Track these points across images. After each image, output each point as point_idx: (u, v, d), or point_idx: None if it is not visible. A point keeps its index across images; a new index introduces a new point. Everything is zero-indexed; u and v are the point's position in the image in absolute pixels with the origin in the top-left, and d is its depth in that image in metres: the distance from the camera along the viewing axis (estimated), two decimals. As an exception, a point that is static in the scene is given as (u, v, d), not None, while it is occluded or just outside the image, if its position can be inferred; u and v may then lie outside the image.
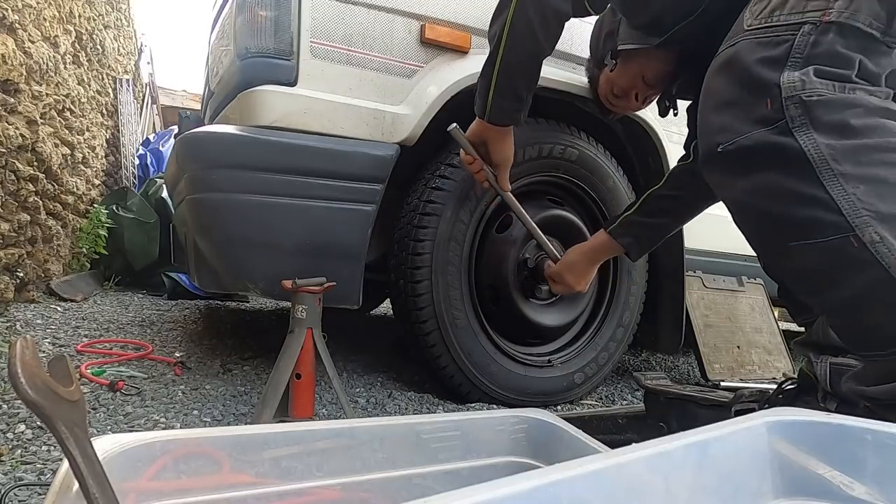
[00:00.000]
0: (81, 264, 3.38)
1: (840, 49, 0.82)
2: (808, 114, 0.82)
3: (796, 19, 0.84)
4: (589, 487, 0.41)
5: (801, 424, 0.54)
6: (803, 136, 0.82)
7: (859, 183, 0.79)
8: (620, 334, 1.82)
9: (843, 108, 0.80)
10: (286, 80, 1.34)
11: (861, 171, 0.79)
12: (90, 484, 0.44)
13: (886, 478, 0.50)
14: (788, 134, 0.83)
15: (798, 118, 0.82)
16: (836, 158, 0.80)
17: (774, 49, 0.86)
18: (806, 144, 0.81)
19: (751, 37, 0.89)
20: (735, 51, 0.91)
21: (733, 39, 0.93)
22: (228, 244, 1.32)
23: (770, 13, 0.88)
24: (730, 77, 0.91)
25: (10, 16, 2.20)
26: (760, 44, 0.88)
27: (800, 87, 0.82)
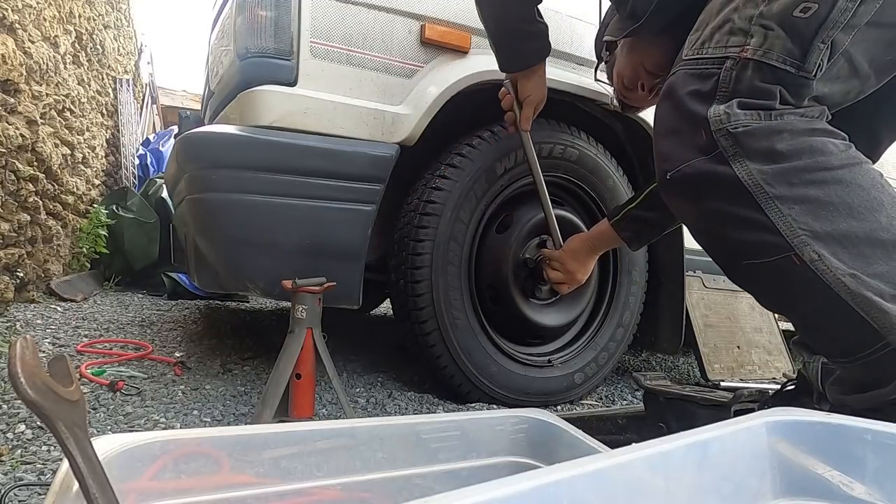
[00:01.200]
0: (81, 264, 3.38)
1: (759, 84, 0.85)
2: (738, 144, 0.85)
3: (720, 53, 0.88)
4: (589, 487, 0.41)
5: (800, 424, 0.54)
6: (737, 165, 0.85)
7: (794, 203, 0.82)
8: (620, 334, 1.82)
9: (770, 135, 0.83)
10: (286, 80, 1.34)
11: (794, 192, 0.82)
12: (90, 484, 0.44)
13: (886, 478, 0.50)
14: (724, 162, 0.86)
15: (730, 148, 0.85)
16: (770, 182, 0.83)
17: (704, 82, 0.89)
18: (740, 172, 0.85)
19: (685, 67, 0.93)
20: (673, 80, 0.95)
21: (676, 67, 0.96)
22: (228, 244, 1.32)
23: (701, 45, 0.91)
24: (670, 106, 0.95)
25: (10, 16, 2.21)
26: (692, 75, 0.91)
27: (725, 121, 0.85)
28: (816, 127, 0.86)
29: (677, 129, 0.93)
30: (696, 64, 0.91)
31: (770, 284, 0.89)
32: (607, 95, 1.70)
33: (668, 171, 0.93)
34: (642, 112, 1.72)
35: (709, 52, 0.90)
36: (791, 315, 0.92)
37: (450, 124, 1.54)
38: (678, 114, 0.93)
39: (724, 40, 0.88)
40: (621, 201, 1.77)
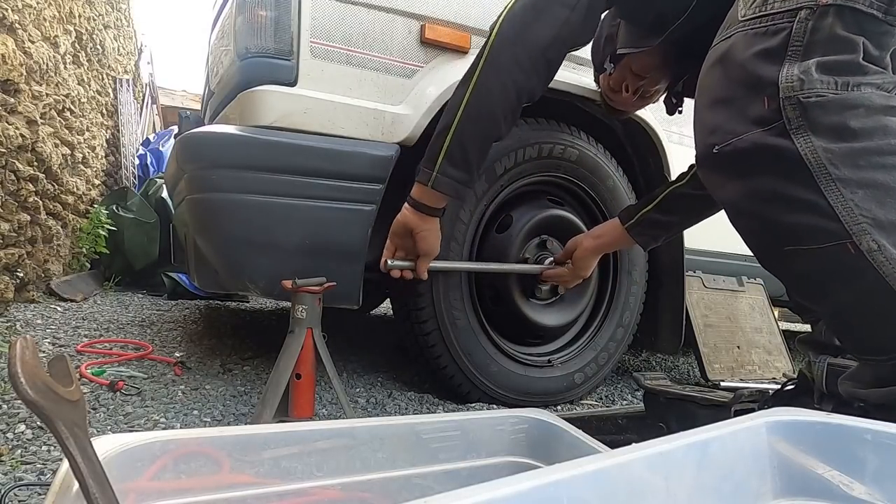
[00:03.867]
0: (81, 264, 3.38)
1: (840, 32, 0.77)
2: (806, 116, 0.78)
3: (791, 5, 0.80)
4: (589, 487, 0.41)
5: (800, 424, 0.54)
6: (801, 139, 0.79)
7: (857, 188, 0.76)
8: (620, 334, 1.82)
9: (843, 109, 0.77)
10: (286, 80, 1.34)
11: (860, 176, 0.76)
12: (90, 484, 0.44)
13: (886, 478, 0.50)
14: (786, 136, 0.80)
15: (795, 120, 0.79)
16: (834, 163, 0.77)
17: (771, 39, 0.82)
18: (803, 148, 0.78)
19: (745, 28, 0.85)
20: (729, 44, 0.87)
21: (727, 31, 0.89)
22: (228, 244, 1.32)
23: (764, 1, 0.84)
24: (724, 73, 0.88)
25: (10, 16, 2.20)
26: (756, 35, 0.83)
27: (798, 87, 0.79)
28: (893, 104, 0.79)
29: (730, 97, 0.86)
30: (761, 21, 0.83)
31: (811, 273, 0.83)
32: (607, 95, 1.70)
33: (715, 144, 0.86)
34: (641, 112, 1.72)
35: (776, 7, 0.82)
36: (824, 306, 0.85)
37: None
38: (734, 80, 0.85)
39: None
40: (621, 201, 1.77)
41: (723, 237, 2.14)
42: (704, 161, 0.92)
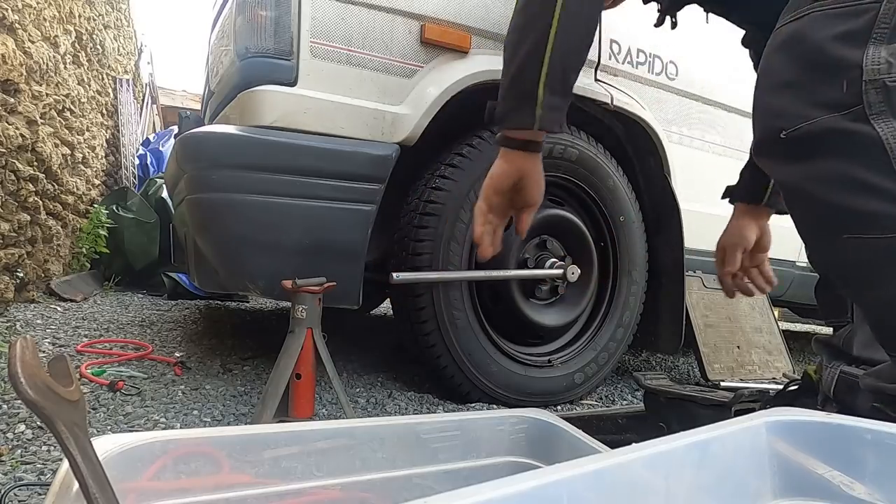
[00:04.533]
0: (81, 264, 3.38)
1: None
2: (890, 99, 0.75)
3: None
4: (589, 487, 0.41)
5: (800, 424, 0.54)
6: (882, 124, 0.75)
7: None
8: (620, 334, 1.82)
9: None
10: (286, 80, 1.34)
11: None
12: (90, 484, 0.44)
13: (886, 478, 0.50)
14: (864, 120, 0.76)
15: (877, 104, 0.75)
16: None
17: (854, 21, 0.77)
18: (884, 132, 0.75)
19: (822, 8, 0.81)
20: (801, 25, 0.83)
21: (798, 12, 0.84)
22: (228, 244, 1.32)
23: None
24: (793, 55, 0.84)
25: (10, 16, 2.21)
26: (836, 16, 0.79)
27: (885, 70, 0.74)
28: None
29: (800, 81, 0.82)
30: (841, 2, 0.79)
31: (865, 263, 0.80)
32: (607, 94, 1.70)
33: (783, 128, 0.82)
34: (640, 112, 1.72)
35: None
36: (871, 298, 0.83)
37: (450, 124, 1.54)
38: (806, 63, 0.81)
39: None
40: (621, 201, 1.77)
41: (723, 237, 2.15)
42: (766, 145, 0.89)
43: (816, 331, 5.57)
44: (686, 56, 1.97)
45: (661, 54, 1.90)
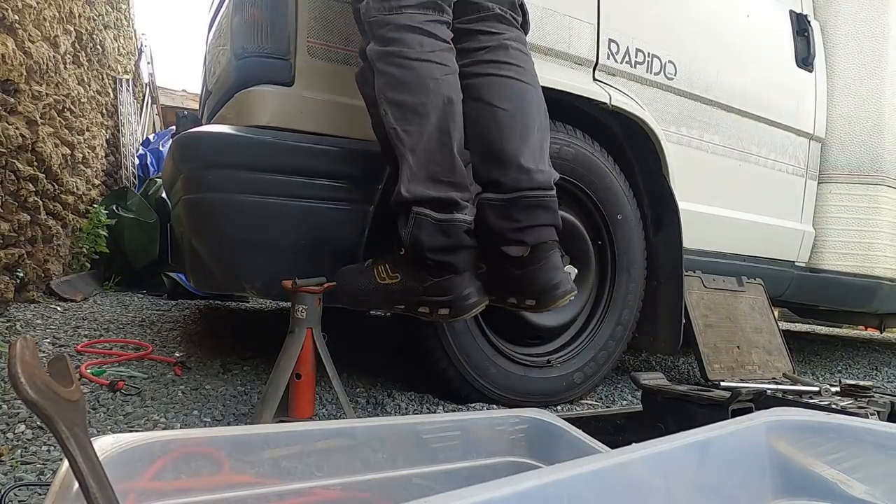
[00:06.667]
0: (81, 264, 3.38)
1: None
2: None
3: None
4: (589, 487, 0.41)
5: (800, 424, 0.54)
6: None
7: None
8: (619, 333, 1.81)
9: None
10: (283, 79, 1.33)
11: None
12: (90, 484, 0.44)
13: (886, 478, 0.50)
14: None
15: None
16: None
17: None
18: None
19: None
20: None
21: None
22: (225, 245, 1.32)
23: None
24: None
25: (10, 16, 2.20)
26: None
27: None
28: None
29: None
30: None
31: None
32: (605, 94, 1.70)
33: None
34: (640, 112, 1.72)
35: None
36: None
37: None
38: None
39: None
40: (619, 200, 1.76)
41: (723, 237, 2.15)
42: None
43: (816, 331, 5.57)
44: (685, 56, 1.97)
45: (660, 54, 1.90)
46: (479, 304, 1.20)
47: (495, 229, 1.21)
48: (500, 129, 1.23)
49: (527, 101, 1.26)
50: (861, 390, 1.22)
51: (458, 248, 1.16)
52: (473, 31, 1.26)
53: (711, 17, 2.10)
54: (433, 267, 1.17)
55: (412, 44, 1.14)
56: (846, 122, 2.46)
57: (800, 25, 2.35)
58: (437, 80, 1.15)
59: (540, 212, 1.23)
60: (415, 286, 1.19)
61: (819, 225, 2.49)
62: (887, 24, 2.46)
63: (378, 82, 1.16)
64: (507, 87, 1.25)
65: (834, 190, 2.49)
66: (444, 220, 1.14)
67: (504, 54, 1.27)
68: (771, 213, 2.31)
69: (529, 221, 1.21)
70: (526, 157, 1.22)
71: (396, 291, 1.21)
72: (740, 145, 2.18)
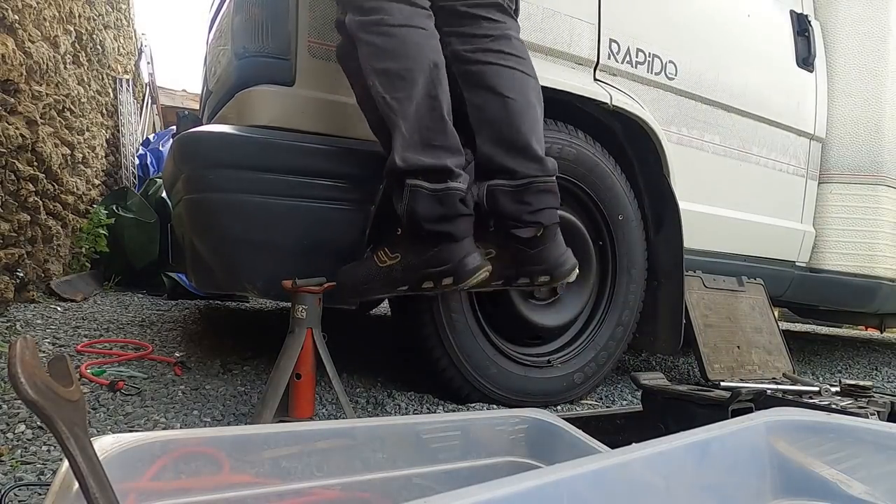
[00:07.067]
0: (81, 264, 3.38)
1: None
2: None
3: None
4: (589, 487, 0.41)
5: (800, 424, 0.54)
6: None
7: None
8: (620, 333, 1.81)
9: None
10: (284, 79, 1.33)
11: None
12: (90, 484, 0.44)
13: (886, 478, 0.50)
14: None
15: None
16: None
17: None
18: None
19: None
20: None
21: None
22: (225, 244, 1.32)
23: None
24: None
25: (10, 16, 2.20)
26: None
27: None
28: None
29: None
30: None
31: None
32: (606, 94, 1.70)
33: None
34: (640, 112, 1.72)
35: None
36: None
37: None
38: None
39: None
40: (620, 200, 1.77)
41: (723, 237, 2.15)
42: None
43: (816, 331, 5.57)
44: (685, 56, 1.97)
45: (661, 54, 1.90)
46: (482, 269, 1.19)
47: (510, 213, 1.26)
48: (511, 118, 1.25)
49: (531, 93, 1.29)
50: (861, 390, 1.22)
51: (455, 217, 1.17)
52: (476, 16, 1.26)
53: (712, 18, 2.10)
54: (431, 237, 1.17)
55: (392, 11, 1.14)
56: (847, 122, 2.46)
57: (800, 25, 2.35)
58: (421, 45, 1.15)
59: (549, 196, 1.29)
60: (415, 261, 1.19)
61: (819, 225, 2.49)
62: (887, 24, 2.46)
63: (362, 53, 1.15)
64: (514, 78, 1.27)
65: (834, 190, 2.49)
66: (439, 189, 1.15)
67: (508, 45, 1.28)
68: (771, 213, 2.31)
69: (541, 205, 1.26)
70: (535, 148, 1.27)
71: (398, 271, 1.21)
72: (741, 145, 2.18)
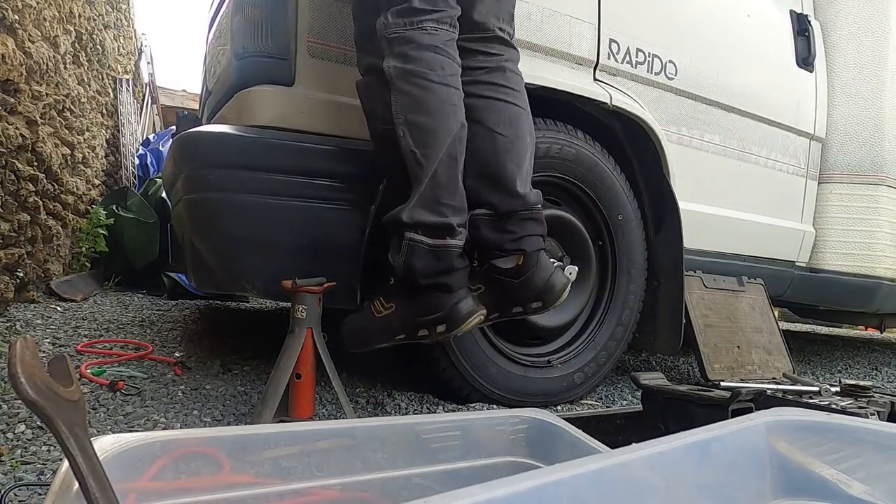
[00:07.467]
0: (81, 264, 3.38)
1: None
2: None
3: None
4: (589, 487, 0.41)
5: (800, 424, 0.54)
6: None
7: None
8: (620, 333, 1.81)
9: None
10: (283, 79, 1.33)
11: None
12: (90, 484, 0.44)
13: (886, 478, 0.50)
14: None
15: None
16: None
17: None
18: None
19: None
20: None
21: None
22: (225, 244, 1.32)
23: None
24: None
25: (10, 16, 2.20)
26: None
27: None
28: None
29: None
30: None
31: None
32: (606, 94, 1.70)
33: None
34: (640, 112, 1.72)
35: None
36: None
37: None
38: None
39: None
40: (619, 200, 1.77)
41: (723, 237, 2.15)
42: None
43: (816, 331, 5.57)
44: (685, 56, 1.97)
45: (661, 54, 1.90)
46: (475, 314, 1.20)
47: (491, 242, 1.24)
48: (498, 154, 1.25)
49: (522, 126, 1.29)
50: (861, 390, 1.22)
51: (452, 271, 1.18)
52: (473, 49, 1.26)
53: (712, 17, 2.10)
54: (427, 289, 1.18)
55: (434, 65, 1.14)
56: (847, 121, 2.46)
57: (800, 25, 2.35)
58: (456, 106, 1.16)
59: (532, 223, 1.26)
60: (409, 310, 1.20)
61: (819, 225, 2.49)
62: (887, 24, 2.46)
63: (396, 101, 1.15)
64: (506, 111, 1.27)
65: (834, 190, 2.49)
66: (438, 245, 1.15)
67: (502, 77, 1.28)
68: (771, 213, 2.31)
69: (524, 232, 1.24)
70: (520, 184, 1.25)
71: (394, 320, 1.22)
72: (741, 145, 2.18)
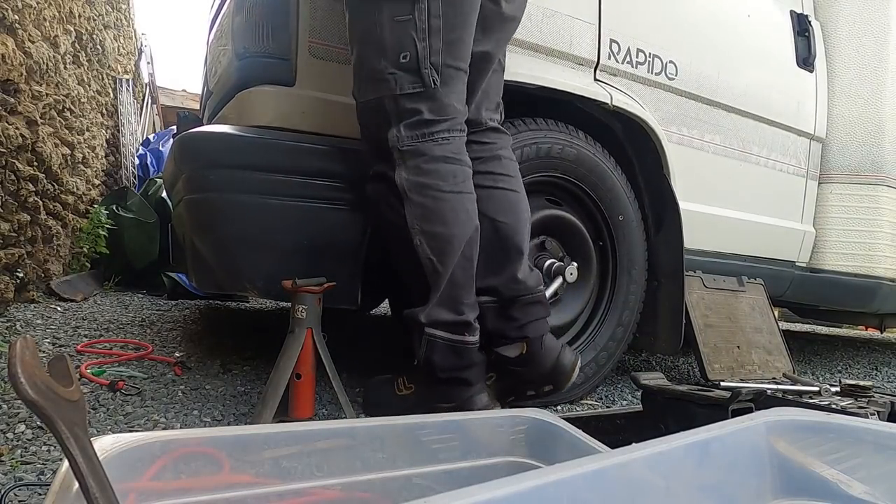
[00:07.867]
0: (81, 264, 3.38)
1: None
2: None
3: None
4: (589, 487, 0.41)
5: (800, 424, 0.54)
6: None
7: None
8: (620, 333, 1.81)
9: None
10: (284, 80, 1.33)
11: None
12: (90, 484, 0.44)
13: (886, 478, 0.50)
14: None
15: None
16: None
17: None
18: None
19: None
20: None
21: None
22: (226, 245, 1.32)
23: None
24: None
25: (10, 16, 2.20)
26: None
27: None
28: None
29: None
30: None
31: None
32: (606, 94, 1.70)
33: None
34: (640, 112, 1.72)
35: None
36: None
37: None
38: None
39: None
40: (620, 200, 1.77)
41: (723, 237, 2.15)
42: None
43: (816, 331, 5.57)
44: (686, 56, 1.97)
45: (661, 54, 1.90)
46: (489, 410, 1.23)
47: (496, 330, 1.28)
48: (502, 242, 1.28)
49: (522, 212, 1.33)
50: (861, 390, 1.22)
51: (469, 366, 1.21)
52: (468, 142, 1.27)
53: (712, 18, 2.10)
54: (446, 381, 1.21)
55: (447, 176, 1.16)
56: (847, 122, 2.46)
57: (800, 25, 2.35)
58: (469, 212, 1.19)
59: (537, 307, 1.30)
60: (428, 396, 1.25)
61: (819, 225, 2.49)
62: (888, 24, 2.46)
63: (410, 212, 1.17)
64: (505, 199, 1.30)
65: (834, 190, 2.49)
66: (456, 341, 1.19)
67: (498, 165, 1.32)
68: (771, 213, 2.31)
69: (528, 318, 1.28)
70: (522, 270, 1.29)
71: (412, 401, 1.26)
72: (741, 145, 2.18)
